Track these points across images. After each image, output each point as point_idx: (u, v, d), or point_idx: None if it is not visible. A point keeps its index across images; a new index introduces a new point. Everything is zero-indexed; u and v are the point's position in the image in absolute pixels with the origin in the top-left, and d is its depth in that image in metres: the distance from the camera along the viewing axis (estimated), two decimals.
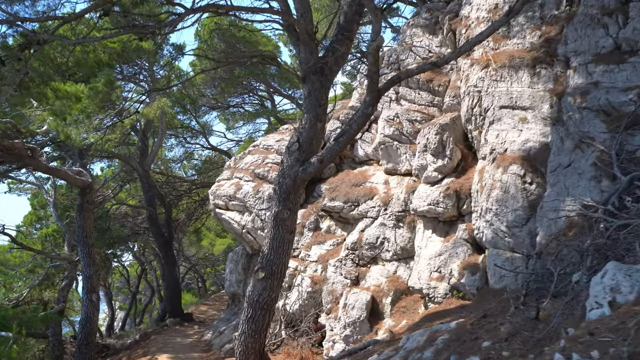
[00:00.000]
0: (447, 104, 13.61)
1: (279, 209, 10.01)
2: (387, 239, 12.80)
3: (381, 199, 13.45)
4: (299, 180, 9.83)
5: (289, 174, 9.94)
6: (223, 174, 18.12)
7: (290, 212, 10.12)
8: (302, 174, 9.79)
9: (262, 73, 26.25)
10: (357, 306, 11.71)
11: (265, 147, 17.69)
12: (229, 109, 31.71)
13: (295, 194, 10.11)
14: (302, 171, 9.78)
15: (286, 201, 9.98)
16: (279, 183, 9.97)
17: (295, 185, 9.94)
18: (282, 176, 9.99)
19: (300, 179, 9.84)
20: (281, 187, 9.95)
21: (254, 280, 9.93)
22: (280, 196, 9.92)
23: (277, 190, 10.06)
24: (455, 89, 13.60)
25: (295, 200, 10.25)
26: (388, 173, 14.34)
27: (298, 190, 10.15)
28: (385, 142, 14.20)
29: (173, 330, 20.74)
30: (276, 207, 10.05)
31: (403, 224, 12.77)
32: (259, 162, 16.98)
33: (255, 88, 30.65)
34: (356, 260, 13.15)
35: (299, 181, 9.86)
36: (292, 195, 10.06)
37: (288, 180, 9.92)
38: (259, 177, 16.54)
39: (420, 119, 14.19)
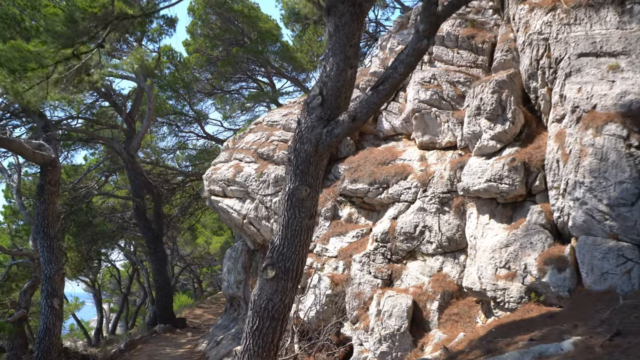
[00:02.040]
0: (497, 60, 10.86)
1: (294, 185, 7.34)
2: (428, 228, 10.11)
3: (418, 178, 10.74)
4: (322, 146, 7.18)
5: (309, 138, 7.28)
6: (220, 155, 15.41)
7: (310, 189, 7.47)
8: (327, 138, 7.15)
9: (263, 51, 23.48)
10: (396, 314, 9.01)
11: (269, 123, 14.98)
12: (225, 96, 28.99)
13: (317, 165, 7.46)
14: (328, 134, 7.14)
15: (305, 175, 7.32)
16: (294, 151, 7.31)
17: (317, 153, 7.28)
18: (300, 141, 7.34)
19: (325, 144, 7.20)
20: (298, 156, 7.28)
21: (261, 281, 7.28)
22: (297, 168, 7.26)
23: (292, 161, 7.39)
24: (508, 42, 10.87)
25: (317, 173, 7.59)
26: (424, 147, 11.63)
27: (321, 160, 7.49)
28: (421, 109, 11.50)
29: (163, 338, 18.00)
30: (291, 183, 7.37)
31: (449, 208, 10.08)
32: (263, 140, 14.27)
33: (254, 72, 27.95)
34: (388, 254, 10.44)
35: (322, 148, 7.21)
36: (313, 166, 7.41)
37: (307, 146, 7.26)
38: (263, 158, 13.83)
39: (464, 81, 11.49)
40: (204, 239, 34.68)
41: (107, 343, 27.58)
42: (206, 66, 26.18)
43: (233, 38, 23.83)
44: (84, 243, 20.12)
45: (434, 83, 11.65)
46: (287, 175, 7.47)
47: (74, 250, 20.26)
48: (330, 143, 7.18)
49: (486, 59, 11.94)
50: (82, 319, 36.39)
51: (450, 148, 11.16)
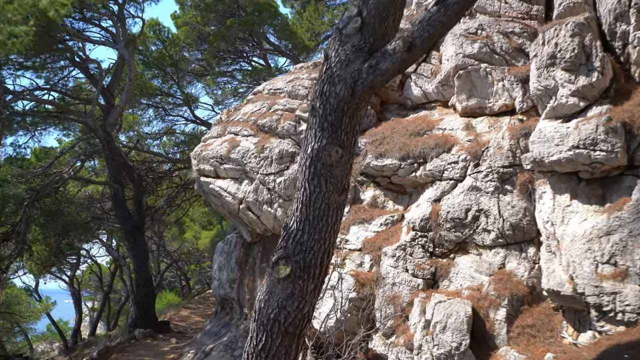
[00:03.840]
0: (564, 5, 8.45)
1: (321, 144, 4.98)
2: (484, 212, 7.76)
3: (467, 150, 8.38)
4: (362, 87, 4.90)
5: (343, 77, 4.96)
6: (211, 130, 12.97)
7: (343, 150, 5.10)
8: (368, 76, 4.86)
9: (260, 23, 21.02)
10: (452, 325, 6.65)
11: (271, 91, 12.54)
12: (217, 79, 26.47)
13: (352, 116, 5.13)
14: (370, 70, 4.84)
15: (336, 130, 4.99)
16: (321, 96, 4.95)
17: (353, 98, 4.97)
18: (329, 82, 4.98)
19: (366, 85, 4.91)
20: (326, 102, 4.93)
21: (270, 282, 4.94)
22: (325, 120, 4.94)
23: (317, 110, 5.02)
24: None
25: (352, 129, 5.23)
26: (469, 114, 9.28)
27: (358, 109, 5.15)
28: (467, 65, 9.15)
29: (142, 345, 15.54)
30: (315, 142, 5.01)
31: (511, 186, 7.74)
32: (264, 110, 11.84)
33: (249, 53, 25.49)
34: (430, 247, 8.10)
35: (361, 90, 4.92)
36: (347, 118, 5.08)
37: (341, 88, 4.94)
38: (264, 131, 11.40)
39: (520, 31, 9.17)
40: (192, 233, 32.19)
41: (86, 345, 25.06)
42: (197, 43, 23.70)
43: (227, 10, 21.39)
44: (52, 235, 17.56)
45: (481, 34, 9.30)
46: (308, 131, 5.09)
47: (40, 243, 17.72)
48: (373, 83, 4.84)
49: (542, 8, 9.62)
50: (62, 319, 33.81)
51: (505, 113, 8.81)
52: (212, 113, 28.06)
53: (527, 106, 8.38)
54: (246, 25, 20.56)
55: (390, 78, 5.18)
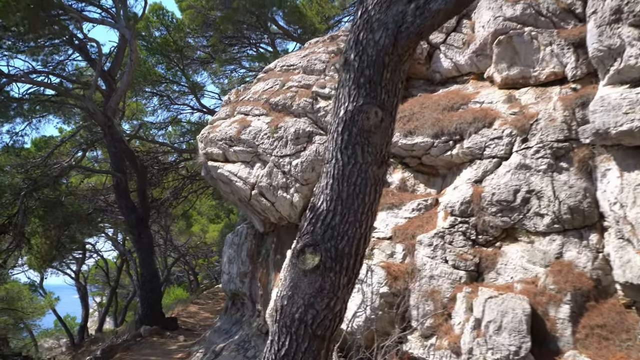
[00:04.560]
0: None
1: (356, 104, 3.96)
2: (536, 194, 6.72)
3: (511, 123, 7.32)
4: (407, 34, 3.92)
5: (383, 22, 3.96)
6: (219, 111, 11.95)
7: (384, 113, 4.10)
8: (416, 19, 3.89)
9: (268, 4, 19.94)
10: (509, 325, 5.62)
11: (284, 68, 11.49)
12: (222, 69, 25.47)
13: (394, 70, 4.11)
14: (417, 12, 3.85)
15: (374, 87, 3.99)
16: (356, 45, 3.94)
17: (396, 48, 3.96)
18: (365, 28, 3.98)
19: (412, 30, 3.93)
20: (363, 53, 3.93)
21: (294, 275, 3.94)
22: (361, 75, 3.93)
23: (351, 63, 4.00)
24: None
25: (395, 86, 4.19)
26: (509, 85, 8.22)
27: (401, 62, 4.13)
28: (507, 29, 8.10)
29: (148, 344, 14.60)
30: (349, 102, 4.00)
31: (568, 163, 6.69)
32: (277, 87, 10.81)
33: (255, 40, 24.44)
34: (472, 234, 7.06)
35: (406, 37, 3.94)
36: (389, 73, 4.06)
37: (381, 35, 3.95)
38: (277, 109, 10.38)
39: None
40: (200, 227, 31.25)
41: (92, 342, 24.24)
42: (202, 29, 22.67)
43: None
44: (52, 227, 16.60)
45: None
46: (340, 90, 4.06)
47: (40, 236, 16.76)
48: (421, 28, 3.83)
49: None
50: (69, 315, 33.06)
51: (554, 83, 7.74)
52: (219, 102, 27.10)
53: (582, 73, 7.33)
54: (254, 6, 19.48)
55: (442, 22, 4.15)
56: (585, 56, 7.29)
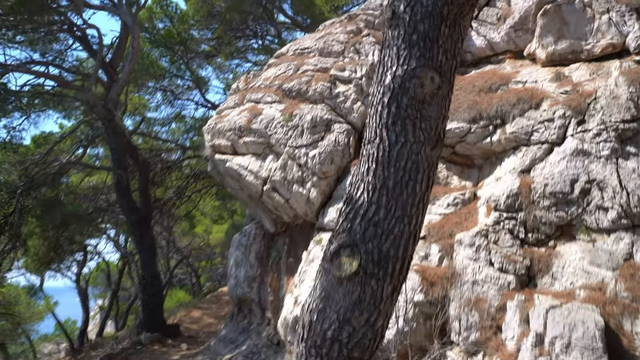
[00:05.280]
0: None
1: (408, 68, 3.11)
2: (598, 184, 5.74)
3: (564, 104, 6.35)
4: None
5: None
6: (227, 100, 11.00)
7: (441, 79, 3.08)
8: None
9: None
10: (579, 342, 4.62)
11: (297, 52, 10.53)
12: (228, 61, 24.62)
13: (455, 25, 3.26)
14: None
15: (431, 46, 3.16)
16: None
17: (447, 3, 3.01)
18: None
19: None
20: (415, 3, 3.16)
21: (327, 284, 2.94)
22: (413, 31, 3.15)
23: (400, 17, 3.03)
24: None
25: (454, 46, 3.27)
26: (556, 61, 7.27)
27: (463, 13, 3.15)
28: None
29: (148, 353, 13.63)
30: (399, 65, 3.05)
31: (637, 147, 5.71)
32: (290, 72, 9.85)
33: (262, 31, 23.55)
34: (520, 232, 6.09)
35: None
36: (448, 28, 3.07)
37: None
38: (291, 96, 9.43)
39: None
40: (203, 228, 30.34)
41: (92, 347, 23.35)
42: (207, 20, 21.77)
43: None
44: (50, 227, 15.68)
45: None
46: (386, 51, 3.21)
47: (37, 237, 15.83)
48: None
49: None
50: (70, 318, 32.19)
51: (611, 57, 6.77)
52: (224, 97, 26.20)
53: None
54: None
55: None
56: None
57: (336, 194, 8.65)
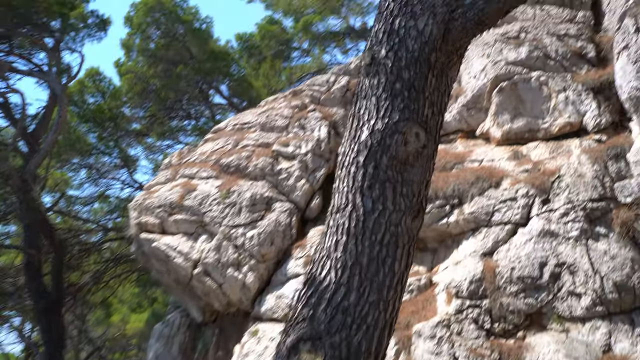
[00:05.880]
0: None
1: (390, 121, 2.71)
2: (568, 267, 5.31)
3: (527, 182, 6.02)
4: (464, 23, 2.77)
5: (430, 5, 2.84)
6: (158, 176, 10.19)
7: (427, 135, 2.84)
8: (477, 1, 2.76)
9: (215, 71, 18.78)
10: None
11: (237, 127, 9.95)
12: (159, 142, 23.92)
13: (442, 75, 2.87)
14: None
15: (416, 96, 2.73)
16: (389, 36, 2.83)
17: (447, 41, 2.80)
18: (403, 13, 2.86)
19: (470, 18, 2.76)
20: (399, 48, 2.77)
21: None
22: (396, 78, 2.72)
23: (380, 63, 2.80)
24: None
25: (441, 99, 3.03)
26: (512, 140, 7.03)
27: (452, 62, 2.93)
28: (511, 74, 7.02)
29: None
30: (378, 117, 2.74)
31: (606, 228, 5.37)
32: (229, 147, 9.23)
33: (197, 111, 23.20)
34: (486, 321, 5.48)
35: (462, 27, 2.78)
36: (434, 78, 2.82)
37: (426, 23, 2.80)
38: (230, 171, 8.75)
39: (576, 33, 7.18)
40: (120, 316, 28.20)
41: None
42: (141, 97, 21.14)
43: (177, 59, 19.03)
44: None
45: (525, 37, 7.24)
46: (362, 102, 2.91)
47: None
48: (484, 15, 2.62)
49: (589, 14, 7.76)
50: None
51: (567, 136, 6.59)
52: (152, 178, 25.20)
53: (607, 122, 6.19)
54: (199, 73, 18.23)
55: (513, 5, 2.95)
56: (607, 103, 6.21)
57: (275, 280, 7.87)
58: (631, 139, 5.63)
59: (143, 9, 17.72)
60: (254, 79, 21.44)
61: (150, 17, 17.87)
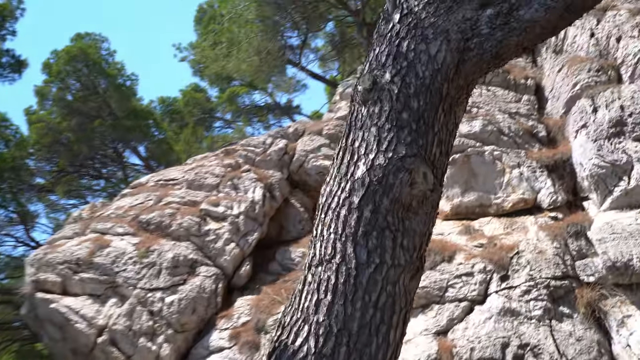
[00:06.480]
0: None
1: (395, 155, 2.17)
2: (531, 348, 4.88)
3: (484, 257, 5.65)
4: (480, 52, 2.25)
5: (443, 29, 2.31)
6: (64, 229, 9.01)
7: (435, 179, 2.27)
8: (495, 32, 2.25)
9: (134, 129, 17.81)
10: None
11: (160, 183, 9.09)
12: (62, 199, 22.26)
13: (451, 111, 2.36)
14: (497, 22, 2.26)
15: (425, 130, 2.22)
16: (395, 60, 2.29)
17: (460, 71, 2.28)
18: (412, 36, 2.32)
19: (487, 49, 2.25)
20: (407, 74, 2.25)
21: None
22: (403, 107, 2.20)
23: (384, 89, 2.26)
24: None
25: (449, 139, 2.42)
26: (462, 215, 6.72)
27: (460, 99, 2.40)
28: (464, 147, 6.84)
29: None
30: (378, 150, 2.20)
31: (569, 307, 5.03)
32: (150, 203, 8.34)
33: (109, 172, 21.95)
34: None
35: (478, 60, 2.26)
36: (444, 113, 2.32)
37: (440, 49, 2.27)
38: (149, 229, 7.84)
39: (527, 112, 7.16)
40: None
41: None
42: (50, 150, 19.64)
43: (95, 110, 17.97)
44: None
45: (480, 112, 7.11)
46: (356, 133, 2.34)
47: None
48: (501, 48, 2.40)
49: (533, 99, 7.85)
50: None
51: (520, 213, 6.35)
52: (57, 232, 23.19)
53: (562, 199, 6.01)
54: (117, 130, 17.20)
55: (533, 43, 2.60)
56: (561, 181, 6.06)
57: (195, 353, 6.91)
58: (589, 217, 5.44)
59: (65, 57, 16.76)
60: (174, 142, 20.66)
61: (72, 67, 16.90)
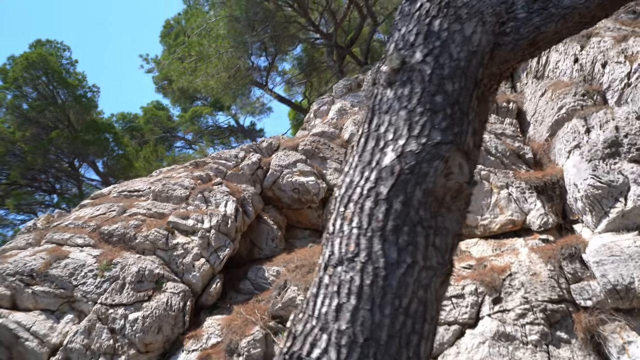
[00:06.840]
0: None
1: (428, 140, 1.82)
2: None
3: (475, 278, 5.39)
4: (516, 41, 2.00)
5: (477, 10, 2.01)
6: (16, 239, 8.31)
7: (471, 171, 1.95)
8: (532, 17, 2.01)
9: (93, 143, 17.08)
10: None
11: (124, 194, 8.55)
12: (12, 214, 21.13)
13: (484, 98, 2.03)
14: (535, 6, 2.02)
15: (460, 116, 1.89)
16: (426, 39, 1.95)
17: (494, 59, 2.01)
18: (445, 15, 1.99)
19: (524, 35, 2.01)
20: (441, 54, 1.94)
21: None
22: (437, 89, 1.89)
23: (414, 70, 1.91)
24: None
25: (481, 129, 2.07)
26: None
27: (492, 87, 2.08)
28: None
29: None
30: (410, 135, 1.85)
31: (567, 332, 4.80)
32: (113, 214, 7.79)
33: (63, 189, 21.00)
34: None
35: (513, 47, 2.01)
36: (477, 101, 1.99)
37: (475, 31, 1.98)
38: (111, 241, 7.29)
39: (512, 134, 7.03)
40: None
41: None
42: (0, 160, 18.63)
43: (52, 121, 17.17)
44: None
45: None
46: (381, 117, 1.98)
47: None
48: (538, 35, 2.17)
49: (515, 122, 7.77)
50: None
51: (507, 235, 6.15)
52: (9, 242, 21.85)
53: (553, 221, 5.84)
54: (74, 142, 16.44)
55: (571, 32, 2.32)
56: (551, 203, 5.91)
57: None
58: (583, 239, 5.27)
59: (23, 64, 15.99)
60: (134, 159, 19.97)
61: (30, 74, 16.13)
